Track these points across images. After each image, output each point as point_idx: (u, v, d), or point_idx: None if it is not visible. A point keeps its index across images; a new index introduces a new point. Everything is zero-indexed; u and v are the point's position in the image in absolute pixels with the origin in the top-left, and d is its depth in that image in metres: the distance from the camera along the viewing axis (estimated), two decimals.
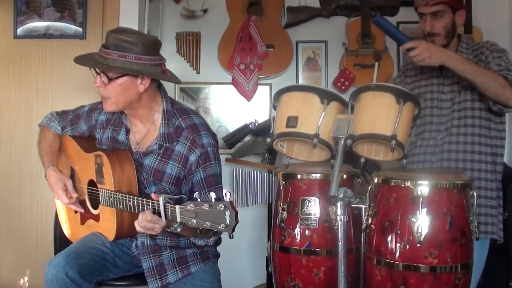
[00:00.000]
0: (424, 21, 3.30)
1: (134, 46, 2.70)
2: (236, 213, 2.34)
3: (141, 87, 2.78)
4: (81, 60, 2.84)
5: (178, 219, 2.43)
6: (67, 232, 3.26)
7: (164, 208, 2.48)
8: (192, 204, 2.37)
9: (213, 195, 2.39)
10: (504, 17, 4.77)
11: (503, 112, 3.20)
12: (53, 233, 3.43)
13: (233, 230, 2.36)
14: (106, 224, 2.90)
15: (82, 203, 3.06)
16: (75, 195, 2.98)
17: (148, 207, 2.58)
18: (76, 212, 3.12)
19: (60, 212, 3.28)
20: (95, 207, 2.99)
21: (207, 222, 2.35)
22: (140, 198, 2.65)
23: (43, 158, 3.13)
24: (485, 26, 4.67)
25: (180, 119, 2.90)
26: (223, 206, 2.32)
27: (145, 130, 2.94)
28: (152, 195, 2.57)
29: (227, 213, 2.32)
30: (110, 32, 2.79)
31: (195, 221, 2.37)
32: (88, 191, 3.03)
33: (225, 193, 2.43)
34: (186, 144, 2.85)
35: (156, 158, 2.88)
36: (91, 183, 3.01)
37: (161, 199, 2.48)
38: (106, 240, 2.94)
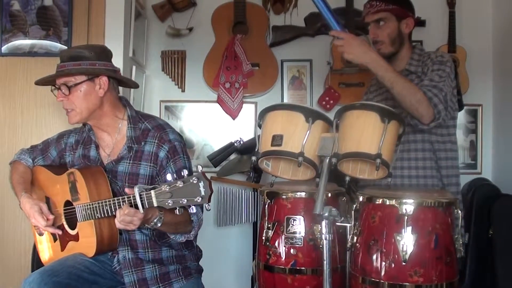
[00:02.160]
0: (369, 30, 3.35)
1: (86, 54, 2.88)
2: (210, 182, 2.43)
3: (101, 91, 2.91)
4: (41, 79, 3.03)
5: (155, 204, 2.48)
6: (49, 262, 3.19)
7: (140, 197, 2.51)
8: (165, 185, 2.44)
9: (185, 172, 2.45)
10: (488, 36, 4.82)
11: (418, 128, 3.12)
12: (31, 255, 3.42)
13: (209, 200, 2.43)
14: (86, 240, 2.88)
15: (59, 227, 3.03)
16: (51, 217, 2.97)
17: (124, 203, 2.60)
18: (55, 240, 3.09)
19: (42, 245, 3.21)
20: (73, 227, 2.97)
21: (183, 199, 2.42)
22: (115, 199, 2.68)
23: (16, 189, 3.13)
24: (469, 45, 4.72)
25: (145, 122, 3.01)
26: (196, 179, 2.40)
27: (113, 141, 3.02)
28: (126, 190, 2.63)
29: (201, 184, 2.40)
30: (63, 50, 3.02)
31: (171, 202, 2.44)
32: (64, 213, 3.01)
33: (197, 166, 2.48)
34: (154, 142, 2.94)
35: (129, 162, 2.94)
36: (67, 204, 2.99)
37: (136, 189, 2.52)
38: (85, 259, 2.91)
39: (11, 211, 4.02)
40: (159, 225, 2.65)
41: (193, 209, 2.49)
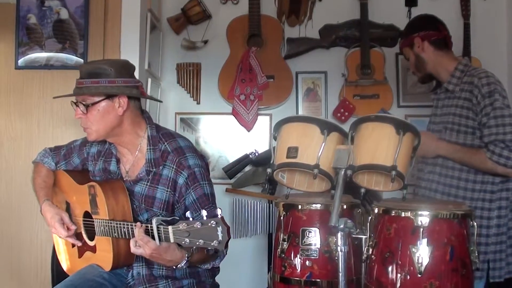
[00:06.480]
0: None
1: (106, 70, 2.76)
2: (228, 228, 2.35)
3: (120, 110, 2.80)
4: (60, 97, 2.96)
5: (172, 240, 2.43)
6: (65, 266, 3.22)
7: (158, 230, 2.47)
8: (184, 223, 2.39)
9: (204, 212, 2.38)
10: (502, 47, 4.81)
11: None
12: (50, 267, 3.43)
13: (226, 246, 2.37)
14: (103, 254, 2.88)
15: (78, 236, 3.04)
16: (73, 227, 2.95)
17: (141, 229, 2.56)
18: (73, 246, 3.10)
19: (59, 247, 3.24)
20: (92, 238, 2.98)
21: (200, 240, 2.36)
22: (135, 224, 2.63)
23: (38, 194, 3.11)
24: (484, 57, 4.71)
25: (165, 143, 2.90)
26: (214, 223, 2.32)
27: (133, 158, 2.94)
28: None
29: (219, 229, 2.33)
30: (82, 64, 2.85)
31: (188, 240, 2.38)
32: (83, 223, 3.02)
33: (217, 209, 2.42)
34: (173, 168, 2.84)
35: (146, 185, 2.87)
36: (86, 215, 3.00)
37: (153, 221, 2.48)
38: (103, 271, 2.91)
39: (27, 224, 4.06)
40: (184, 267, 2.63)
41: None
